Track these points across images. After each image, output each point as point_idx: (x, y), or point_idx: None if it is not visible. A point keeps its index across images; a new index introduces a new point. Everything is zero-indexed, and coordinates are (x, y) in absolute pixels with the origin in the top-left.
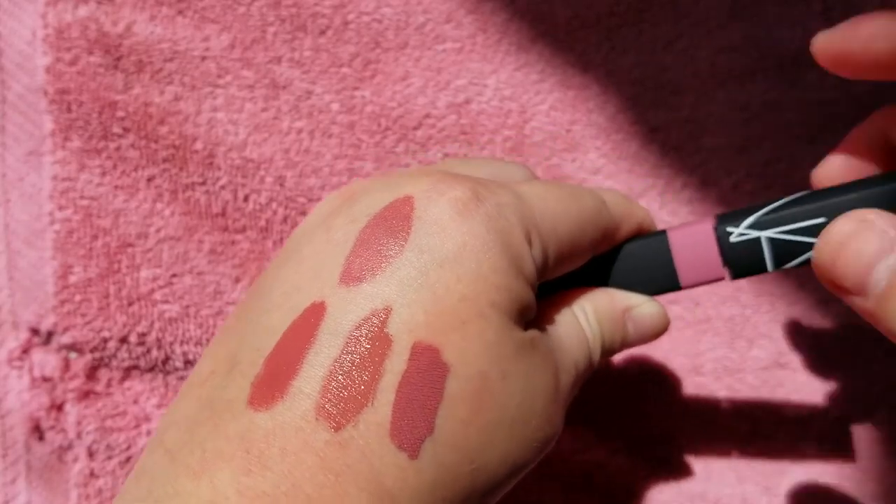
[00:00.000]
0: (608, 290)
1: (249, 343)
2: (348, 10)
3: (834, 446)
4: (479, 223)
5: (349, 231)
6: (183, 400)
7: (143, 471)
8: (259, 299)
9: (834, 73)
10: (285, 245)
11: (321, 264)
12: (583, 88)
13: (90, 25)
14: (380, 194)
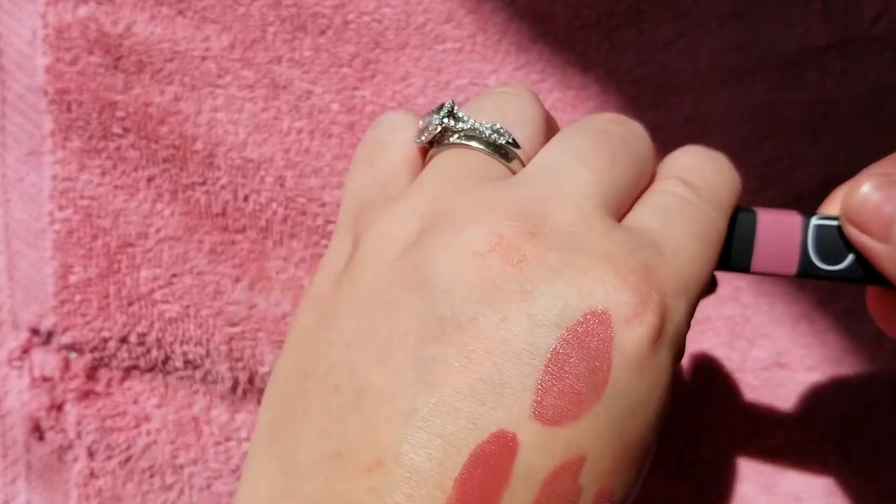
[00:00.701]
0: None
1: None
2: (348, 9)
3: (834, 446)
4: (665, 356)
5: (534, 343)
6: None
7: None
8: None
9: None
10: (407, 276)
11: (503, 380)
12: (583, 88)
13: (90, 25)
14: (563, 288)
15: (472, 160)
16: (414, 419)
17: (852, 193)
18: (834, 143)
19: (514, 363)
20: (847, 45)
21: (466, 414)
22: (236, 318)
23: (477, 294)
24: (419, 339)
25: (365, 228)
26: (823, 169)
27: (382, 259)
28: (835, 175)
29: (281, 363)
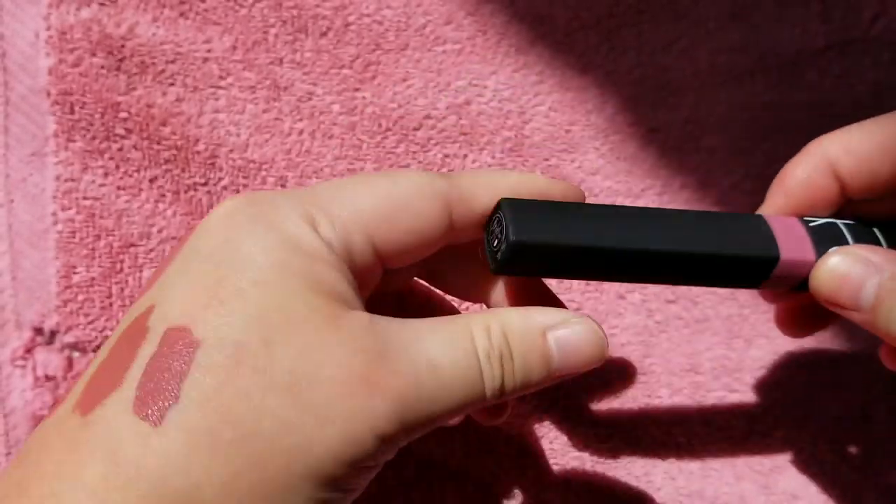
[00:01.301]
0: (526, 309)
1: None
2: (349, 11)
3: (831, 445)
4: (243, 218)
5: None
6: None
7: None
8: None
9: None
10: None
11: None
12: (582, 89)
13: (93, 27)
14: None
15: None
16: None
17: (817, 273)
18: None
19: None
20: (846, 45)
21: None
22: None
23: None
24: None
25: None
26: None
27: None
28: None
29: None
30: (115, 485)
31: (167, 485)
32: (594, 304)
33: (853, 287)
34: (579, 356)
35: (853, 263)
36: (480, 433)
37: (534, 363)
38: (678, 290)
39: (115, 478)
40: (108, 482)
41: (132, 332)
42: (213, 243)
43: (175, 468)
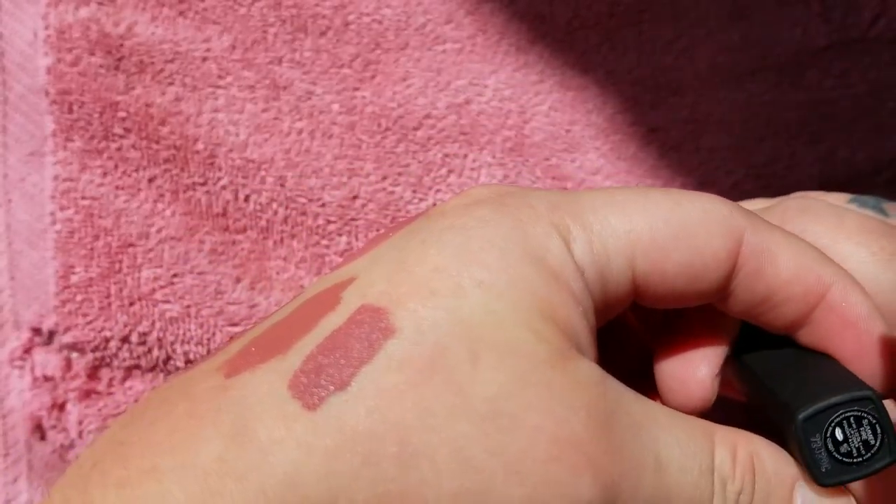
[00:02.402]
0: (779, 447)
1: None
2: (349, 10)
3: None
4: (487, 209)
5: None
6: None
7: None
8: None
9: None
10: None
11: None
12: (582, 89)
13: (91, 26)
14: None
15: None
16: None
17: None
18: (833, 143)
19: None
20: (846, 45)
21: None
22: (237, 317)
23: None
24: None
25: None
26: (823, 169)
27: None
28: (834, 174)
29: None
30: (233, 471)
31: (296, 487)
32: None
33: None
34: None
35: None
36: None
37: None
38: None
39: (235, 462)
40: (224, 466)
41: (322, 298)
42: (442, 227)
43: (313, 469)
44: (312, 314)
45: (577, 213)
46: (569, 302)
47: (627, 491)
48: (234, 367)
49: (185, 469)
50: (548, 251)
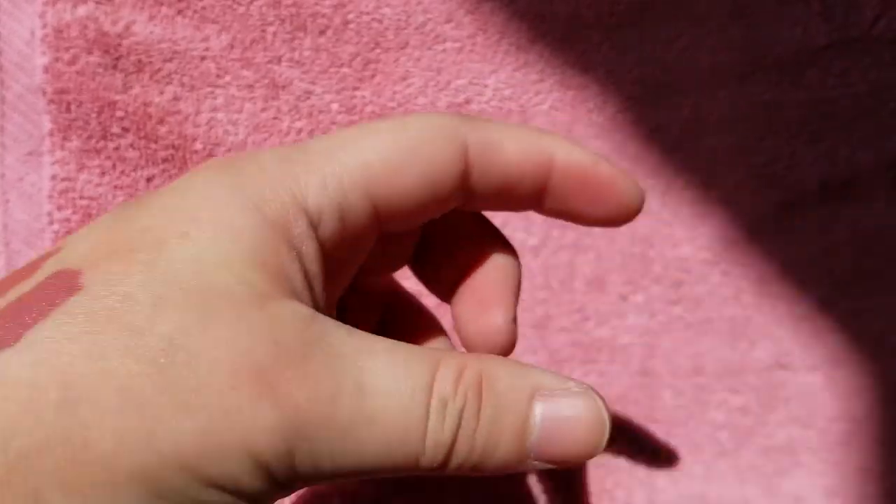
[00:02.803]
0: (521, 365)
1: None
2: (348, 9)
3: (836, 447)
4: (211, 170)
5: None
6: None
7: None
8: None
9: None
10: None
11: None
12: (583, 88)
13: (89, 25)
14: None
15: None
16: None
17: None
18: (834, 143)
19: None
20: (847, 45)
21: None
22: None
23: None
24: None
25: None
26: (823, 168)
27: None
28: (835, 174)
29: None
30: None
31: (41, 399)
32: (596, 306)
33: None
34: (568, 441)
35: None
36: None
37: (505, 431)
38: (681, 290)
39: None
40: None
41: (20, 273)
42: (163, 191)
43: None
44: (6, 285)
45: (308, 160)
46: (281, 249)
47: (318, 416)
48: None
49: None
50: (266, 201)
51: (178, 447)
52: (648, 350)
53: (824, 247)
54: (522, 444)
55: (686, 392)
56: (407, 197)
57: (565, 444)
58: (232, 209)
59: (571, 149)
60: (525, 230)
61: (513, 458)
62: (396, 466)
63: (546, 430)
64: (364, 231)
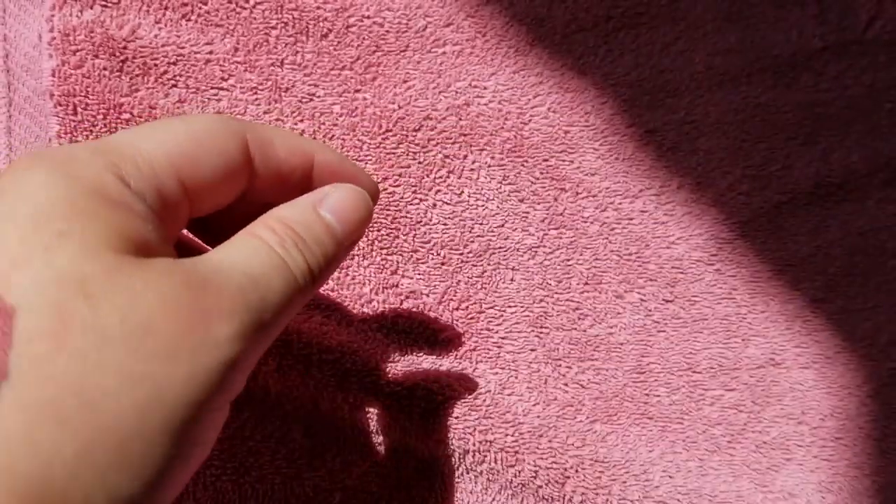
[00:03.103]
0: (297, 199)
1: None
2: (350, 13)
3: (828, 443)
4: (37, 173)
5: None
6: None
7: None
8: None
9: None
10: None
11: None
12: (580, 91)
13: (95, 29)
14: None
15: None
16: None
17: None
18: (828, 145)
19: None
20: (842, 47)
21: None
22: None
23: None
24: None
25: None
26: (818, 170)
27: None
28: (829, 176)
29: None
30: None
31: (14, 471)
32: (592, 304)
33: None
34: (353, 215)
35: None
36: (481, 433)
37: (322, 237)
38: (676, 289)
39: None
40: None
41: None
42: (6, 204)
43: (20, 451)
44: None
45: (119, 152)
46: (135, 220)
47: (244, 309)
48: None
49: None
50: (105, 187)
51: (182, 392)
52: (644, 348)
53: (817, 246)
54: (335, 237)
55: (681, 389)
56: (208, 181)
57: (354, 217)
58: (82, 199)
59: (326, 150)
60: (523, 230)
61: (338, 249)
62: (296, 302)
63: (339, 219)
64: (179, 209)
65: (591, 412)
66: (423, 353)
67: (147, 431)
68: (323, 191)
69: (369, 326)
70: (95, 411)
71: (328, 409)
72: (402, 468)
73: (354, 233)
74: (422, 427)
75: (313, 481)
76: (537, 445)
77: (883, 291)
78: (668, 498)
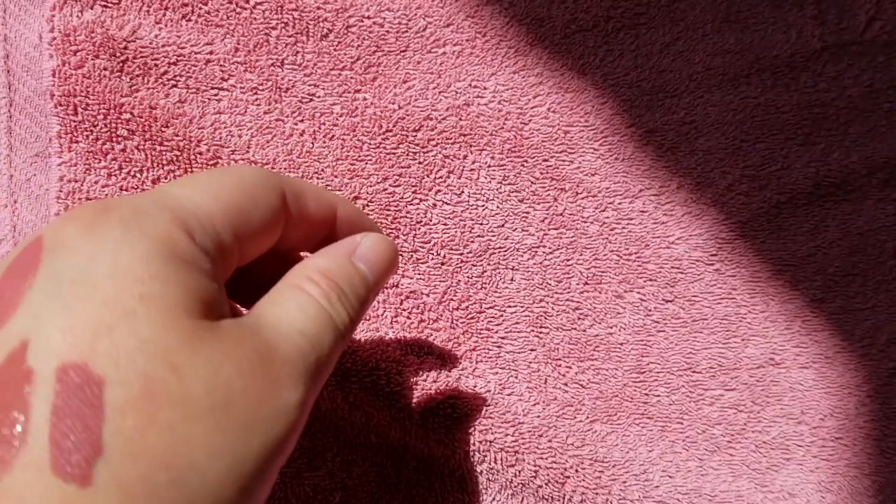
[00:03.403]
0: (326, 248)
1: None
2: (350, 14)
3: (828, 442)
4: (110, 229)
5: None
6: None
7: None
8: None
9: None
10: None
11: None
12: (580, 91)
13: (96, 29)
14: (18, 247)
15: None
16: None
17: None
18: (827, 145)
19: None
20: (841, 48)
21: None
22: None
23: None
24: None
25: None
26: (817, 170)
27: None
28: (828, 176)
29: None
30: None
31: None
32: (592, 304)
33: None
34: (384, 264)
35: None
36: (481, 433)
37: (358, 288)
38: (675, 289)
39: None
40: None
41: (9, 373)
42: (80, 260)
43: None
44: (14, 392)
45: (182, 206)
46: (204, 280)
47: (303, 368)
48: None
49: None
50: (176, 245)
51: (259, 457)
52: (643, 347)
53: (816, 246)
54: (367, 286)
55: (680, 389)
56: (257, 232)
57: (382, 266)
58: (158, 261)
59: (346, 202)
60: (523, 230)
61: (368, 296)
62: (337, 351)
63: (370, 267)
64: (234, 260)
65: (590, 412)
66: (423, 353)
67: (224, 499)
68: (354, 241)
69: (369, 327)
70: (182, 486)
71: (328, 409)
72: (402, 468)
73: (383, 280)
74: (422, 427)
75: (313, 481)
76: (537, 445)
77: (882, 291)
78: (667, 498)
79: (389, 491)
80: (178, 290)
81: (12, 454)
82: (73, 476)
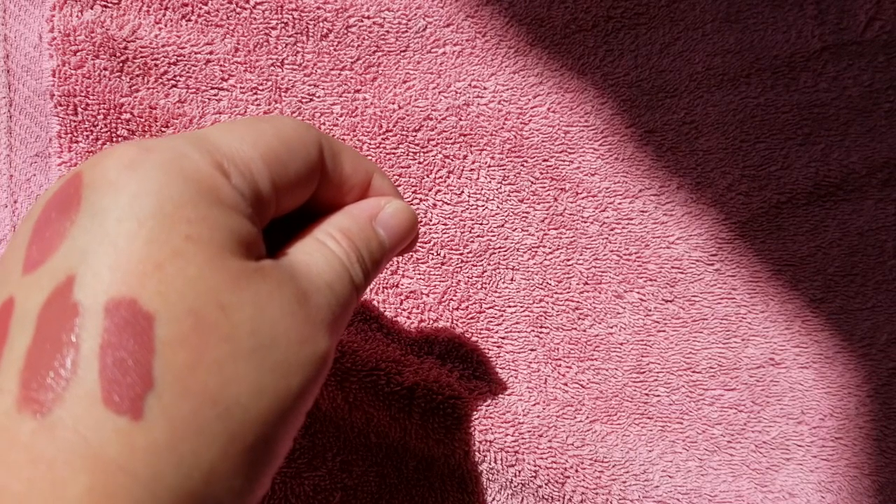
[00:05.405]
0: (350, 207)
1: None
2: (350, 14)
3: (828, 442)
4: (151, 168)
5: (26, 225)
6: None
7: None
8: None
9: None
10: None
11: (3, 264)
12: (580, 91)
13: (96, 29)
14: (54, 185)
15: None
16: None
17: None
18: (827, 145)
19: (12, 249)
20: (841, 48)
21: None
22: None
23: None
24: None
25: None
26: (817, 170)
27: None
28: (828, 176)
29: None
30: (105, 495)
31: (160, 482)
32: (592, 304)
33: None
34: (402, 234)
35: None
36: (481, 433)
37: (375, 252)
38: (675, 289)
39: (104, 488)
40: (94, 494)
41: (56, 308)
42: (123, 199)
43: (166, 463)
44: (62, 326)
45: (221, 149)
46: (245, 223)
47: (332, 319)
48: (34, 403)
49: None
50: (219, 190)
51: (297, 398)
52: (643, 347)
53: (816, 246)
54: (383, 249)
55: (680, 388)
56: (294, 181)
57: (401, 233)
58: (202, 204)
59: (382, 174)
60: (523, 230)
61: (384, 259)
62: (352, 304)
63: (388, 233)
64: (271, 207)
65: (590, 412)
66: (423, 353)
67: (268, 438)
68: (378, 204)
69: (369, 326)
70: (228, 421)
71: (328, 409)
72: (402, 468)
73: (399, 247)
74: (422, 427)
75: (313, 481)
76: (537, 445)
77: (882, 291)
78: (667, 498)
79: (389, 491)
80: (223, 232)
81: (62, 386)
82: (124, 409)
